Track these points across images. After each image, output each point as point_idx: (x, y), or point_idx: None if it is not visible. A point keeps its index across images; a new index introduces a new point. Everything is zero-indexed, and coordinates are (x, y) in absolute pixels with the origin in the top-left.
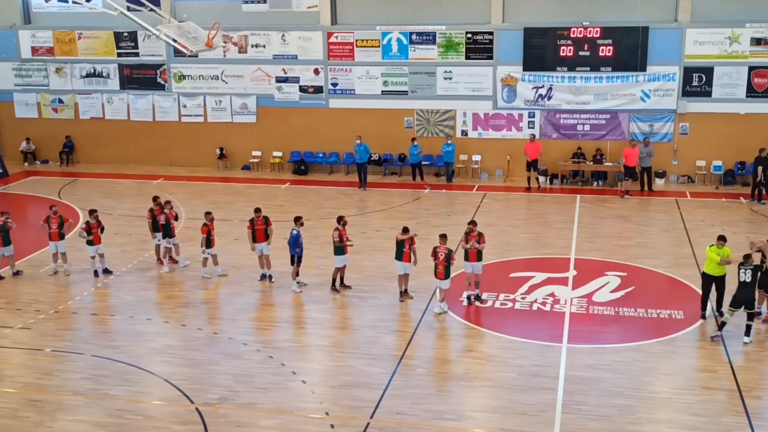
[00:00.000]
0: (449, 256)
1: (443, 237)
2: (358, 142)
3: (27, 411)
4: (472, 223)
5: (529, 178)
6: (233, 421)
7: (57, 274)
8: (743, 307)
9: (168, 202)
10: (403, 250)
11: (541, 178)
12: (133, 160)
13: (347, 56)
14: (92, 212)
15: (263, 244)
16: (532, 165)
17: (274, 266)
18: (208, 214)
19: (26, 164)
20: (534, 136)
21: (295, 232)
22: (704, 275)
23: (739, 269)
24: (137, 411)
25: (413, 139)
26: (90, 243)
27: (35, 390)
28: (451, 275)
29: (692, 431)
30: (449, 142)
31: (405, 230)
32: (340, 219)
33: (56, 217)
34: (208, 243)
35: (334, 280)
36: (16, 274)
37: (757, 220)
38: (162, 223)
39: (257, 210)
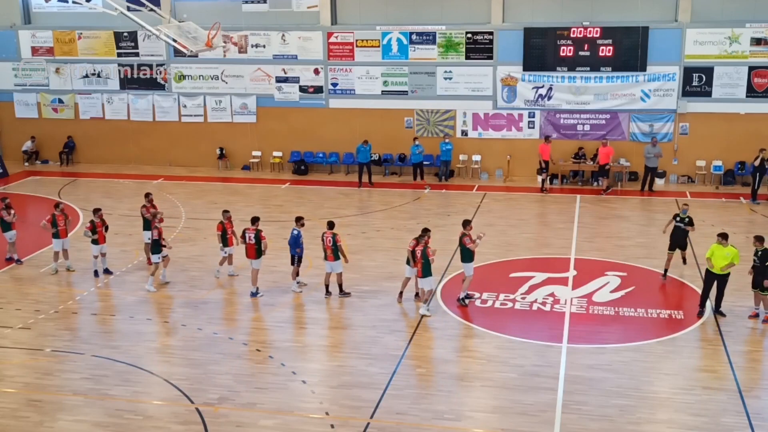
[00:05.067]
0: (425, 254)
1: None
2: (365, 144)
3: (27, 411)
4: (469, 222)
5: (543, 180)
6: (233, 421)
7: (57, 273)
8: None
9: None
10: (416, 257)
11: (541, 179)
12: (133, 160)
13: (347, 56)
14: (96, 211)
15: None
16: (546, 166)
17: (275, 266)
18: (225, 212)
19: (26, 164)
20: (549, 137)
21: (295, 232)
22: (707, 272)
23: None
24: (137, 411)
25: (415, 139)
26: (95, 242)
27: (35, 390)
28: (434, 275)
29: (692, 431)
30: (447, 141)
31: (424, 231)
32: (331, 225)
33: (62, 215)
34: (225, 242)
35: (340, 286)
36: (16, 261)
37: (758, 221)
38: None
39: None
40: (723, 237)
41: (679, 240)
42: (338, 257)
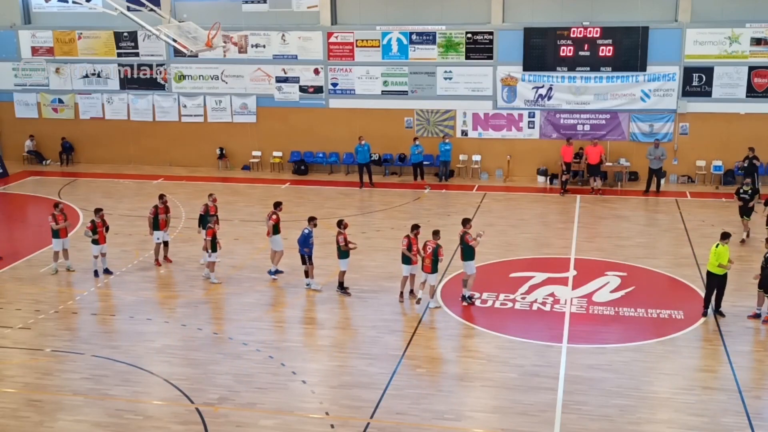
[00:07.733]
0: (436, 251)
1: (435, 233)
2: (361, 142)
3: (27, 411)
4: (469, 220)
5: (566, 181)
6: (233, 421)
7: (57, 273)
8: None
9: (211, 195)
10: (412, 252)
11: (541, 179)
12: (133, 160)
13: (347, 56)
14: (98, 211)
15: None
16: (567, 168)
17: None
18: (212, 216)
19: (45, 162)
20: (570, 139)
21: (306, 231)
22: (709, 274)
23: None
24: (137, 411)
25: (415, 139)
26: (95, 242)
27: (35, 390)
28: (440, 271)
29: (692, 431)
30: (446, 141)
31: (414, 227)
32: (340, 223)
33: (62, 215)
34: (214, 247)
35: (341, 283)
36: None
37: (757, 221)
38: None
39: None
40: (727, 237)
41: None
42: (342, 255)
